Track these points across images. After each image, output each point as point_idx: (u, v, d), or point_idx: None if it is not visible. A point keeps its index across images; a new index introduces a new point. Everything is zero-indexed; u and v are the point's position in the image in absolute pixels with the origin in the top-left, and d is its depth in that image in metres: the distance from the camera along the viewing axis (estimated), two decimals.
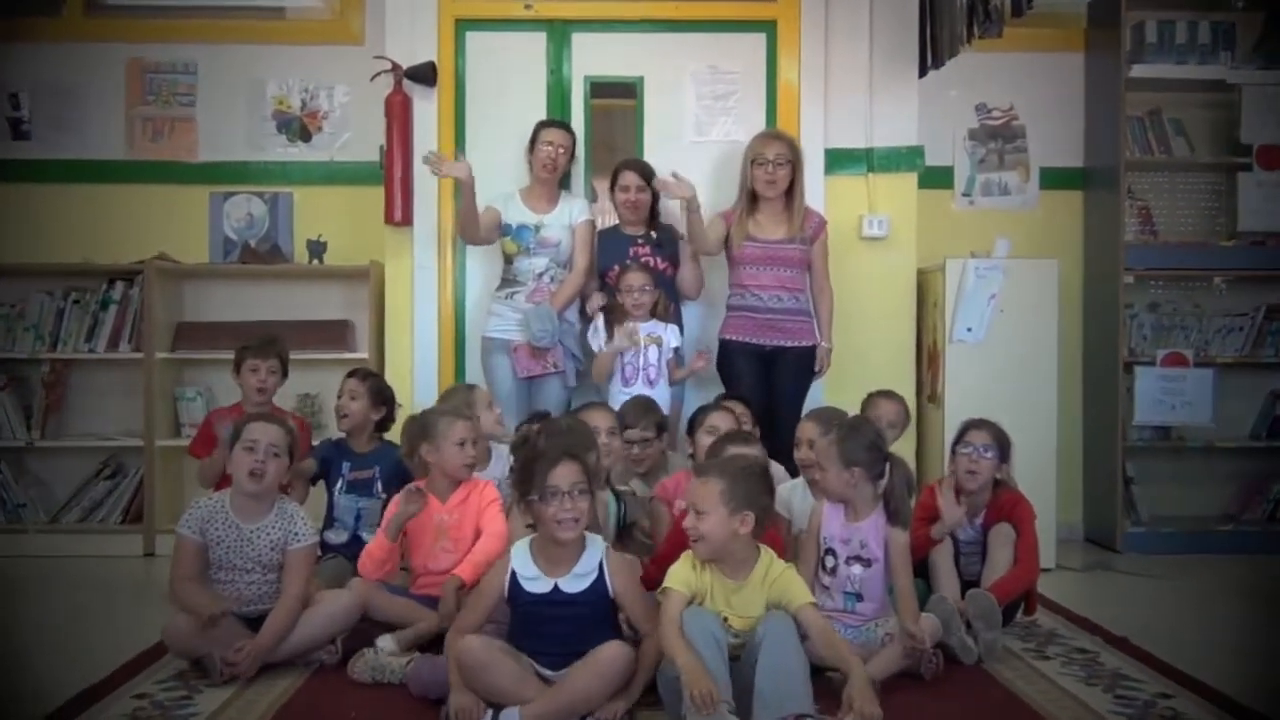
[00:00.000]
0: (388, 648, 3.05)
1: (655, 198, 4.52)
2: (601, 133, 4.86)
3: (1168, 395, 4.90)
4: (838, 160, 4.78)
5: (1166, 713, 2.78)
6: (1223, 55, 5.03)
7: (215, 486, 3.71)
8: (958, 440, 3.58)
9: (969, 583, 3.41)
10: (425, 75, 4.70)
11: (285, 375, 4.12)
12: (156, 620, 3.17)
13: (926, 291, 4.81)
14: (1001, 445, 3.54)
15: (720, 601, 2.78)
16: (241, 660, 2.94)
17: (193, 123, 5.15)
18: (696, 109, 4.81)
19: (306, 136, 5.17)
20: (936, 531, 3.42)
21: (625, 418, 3.89)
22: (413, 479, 3.49)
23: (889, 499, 3.14)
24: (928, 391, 4.78)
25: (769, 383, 4.30)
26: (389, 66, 4.70)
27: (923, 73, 4.80)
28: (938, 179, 5.14)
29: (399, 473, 3.79)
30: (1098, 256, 5.15)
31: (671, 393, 4.37)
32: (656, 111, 4.81)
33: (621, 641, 2.74)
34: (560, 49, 4.80)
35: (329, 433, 4.47)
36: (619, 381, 4.30)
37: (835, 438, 3.17)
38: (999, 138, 5.28)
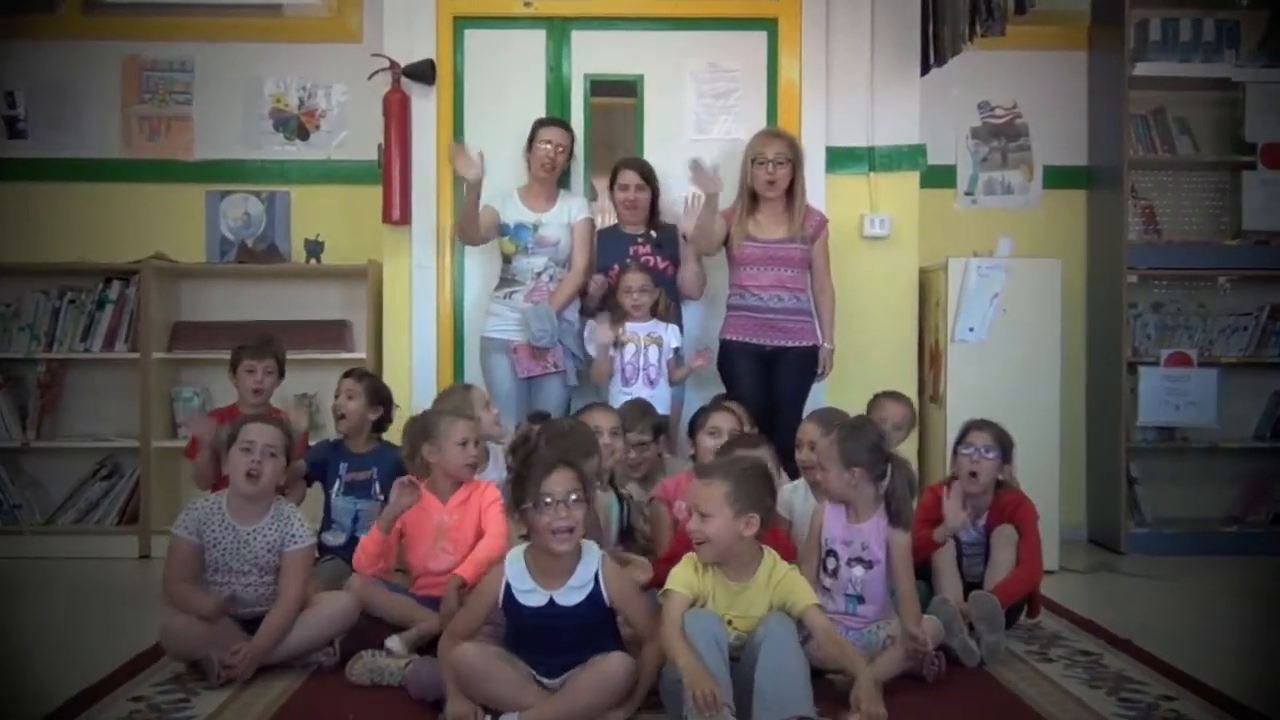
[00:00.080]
0: (396, 649, 3.04)
1: (655, 196, 4.52)
2: (601, 131, 4.86)
3: (1172, 395, 4.90)
4: (839, 159, 4.78)
5: (1170, 715, 2.78)
6: (1227, 53, 5.03)
7: (212, 487, 3.71)
8: (959, 441, 3.59)
9: (971, 584, 3.42)
10: (424, 73, 4.70)
11: (282, 376, 4.12)
12: (153, 622, 3.17)
13: (928, 291, 4.81)
14: (1004, 446, 3.54)
15: (723, 604, 2.78)
16: (239, 663, 2.94)
17: (189, 121, 5.15)
18: (697, 107, 4.81)
19: (304, 135, 5.17)
20: (939, 535, 3.42)
21: (621, 421, 3.88)
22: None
23: (890, 500, 3.14)
24: (930, 392, 4.78)
25: (769, 383, 4.29)
26: (387, 64, 4.70)
27: (925, 70, 4.80)
28: (940, 178, 5.14)
29: (397, 474, 3.76)
30: (1101, 256, 5.15)
31: (672, 393, 4.37)
32: (657, 110, 4.81)
33: (624, 654, 2.72)
34: (560, 46, 4.80)
35: (327, 433, 4.47)
36: (619, 382, 4.30)
37: (836, 438, 3.18)
38: (1002, 136, 5.28)
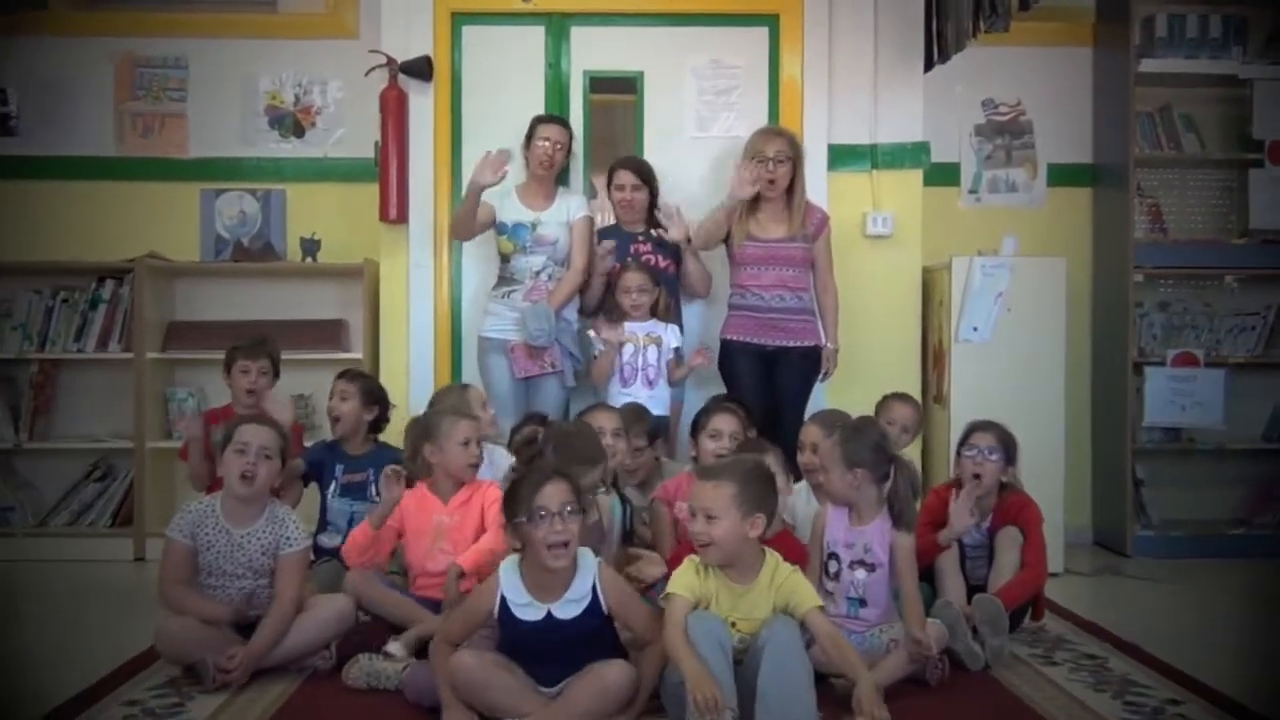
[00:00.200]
0: (396, 652, 3.04)
1: (653, 195, 4.52)
2: (601, 128, 4.86)
3: (1178, 396, 4.90)
4: (841, 157, 4.78)
5: (1176, 719, 2.78)
6: (1234, 50, 5.03)
7: (208, 489, 3.71)
8: (963, 442, 3.59)
9: (975, 587, 3.42)
10: (421, 70, 4.70)
11: (276, 376, 4.12)
12: (148, 625, 3.17)
13: (932, 290, 4.81)
14: (1007, 447, 3.54)
15: (726, 606, 2.78)
16: (235, 667, 2.94)
17: (184, 119, 5.15)
18: (698, 104, 4.81)
19: (300, 132, 5.17)
20: (943, 538, 3.42)
21: (619, 419, 3.88)
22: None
23: (893, 502, 3.14)
24: (933, 392, 4.78)
25: (771, 383, 4.29)
26: (384, 61, 4.70)
27: (928, 67, 4.80)
28: (943, 176, 5.14)
29: None
30: (1107, 255, 5.15)
31: (672, 393, 4.37)
32: (657, 107, 4.81)
33: (624, 661, 2.71)
34: (559, 43, 4.80)
35: (323, 434, 4.47)
36: (618, 382, 4.29)
37: (839, 439, 3.18)
38: (1006, 134, 5.28)
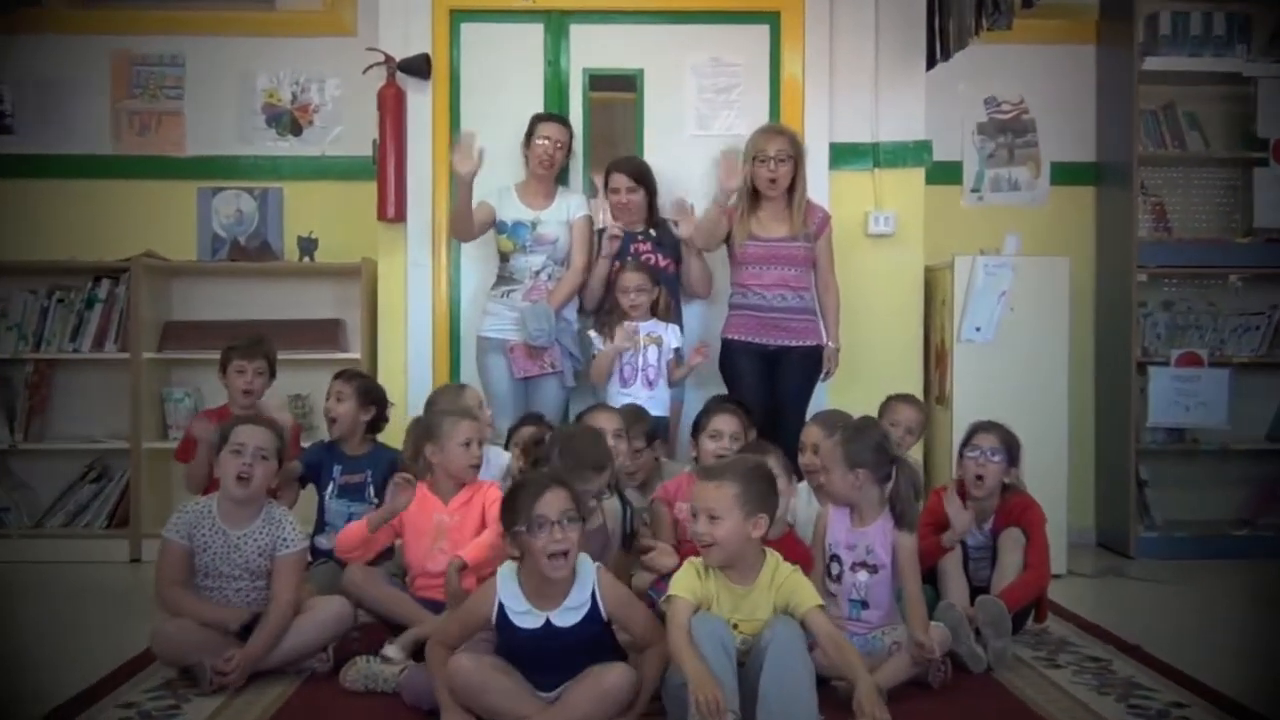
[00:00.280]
0: (394, 656, 3.04)
1: (651, 194, 4.51)
2: (600, 127, 4.85)
3: (1182, 396, 4.90)
4: (843, 155, 4.78)
5: None
6: (1238, 47, 5.02)
7: (204, 491, 3.70)
8: (965, 443, 3.59)
9: (978, 589, 3.42)
10: (419, 68, 4.70)
11: (273, 376, 4.11)
12: (144, 627, 3.17)
13: (934, 290, 4.81)
14: (1010, 448, 3.54)
15: (727, 607, 2.77)
16: (232, 669, 2.94)
17: (180, 117, 5.15)
18: (698, 102, 4.80)
19: (297, 130, 5.17)
20: (947, 540, 3.41)
21: (621, 420, 3.88)
22: None
23: (895, 502, 3.13)
24: (935, 392, 4.78)
25: (772, 383, 4.29)
26: (382, 59, 4.70)
27: (930, 65, 4.80)
28: (946, 174, 5.15)
29: (391, 476, 3.78)
30: (1110, 254, 5.15)
31: (672, 393, 4.37)
32: (657, 105, 4.80)
33: (625, 665, 2.71)
34: (558, 40, 4.79)
35: (320, 435, 4.47)
36: (617, 382, 4.29)
37: (840, 439, 3.18)
38: (1009, 132, 5.28)
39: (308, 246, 4.96)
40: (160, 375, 5.03)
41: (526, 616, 2.70)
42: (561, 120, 4.55)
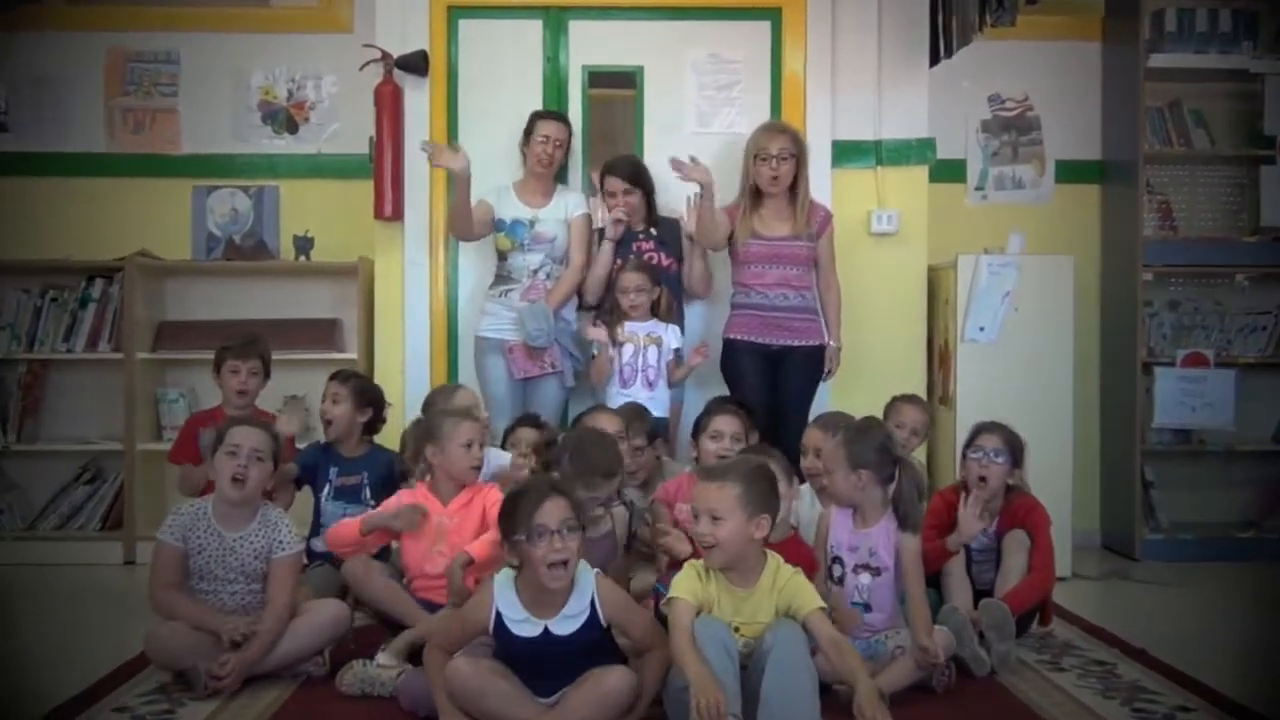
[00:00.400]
0: (387, 662, 3.03)
1: (649, 193, 4.51)
2: (600, 124, 4.85)
3: (1188, 397, 4.90)
4: (845, 153, 4.78)
5: None
6: (1245, 44, 5.02)
7: (199, 493, 3.70)
8: (969, 444, 3.58)
9: (981, 591, 3.42)
10: (416, 64, 4.70)
11: (267, 376, 4.11)
12: (138, 630, 3.16)
13: (938, 289, 4.81)
14: (1014, 449, 3.54)
15: (729, 610, 2.77)
16: (227, 673, 2.94)
17: (175, 114, 5.15)
18: (698, 99, 4.80)
19: (293, 128, 5.17)
20: (952, 543, 3.41)
21: (621, 421, 3.89)
22: (401, 485, 3.50)
23: (898, 503, 3.13)
24: (939, 393, 4.78)
25: (774, 383, 4.29)
26: (379, 55, 4.70)
27: (934, 62, 4.80)
28: (949, 172, 5.14)
29: (389, 478, 3.79)
30: (1115, 253, 5.15)
31: (672, 394, 4.37)
32: (657, 102, 4.80)
33: (625, 668, 2.70)
34: (557, 37, 4.79)
35: (316, 435, 4.47)
36: (617, 383, 4.29)
37: (843, 439, 3.18)
38: (1013, 130, 5.28)
39: (304, 245, 4.96)
40: (155, 376, 5.03)
41: (524, 625, 2.69)
42: (560, 118, 4.55)
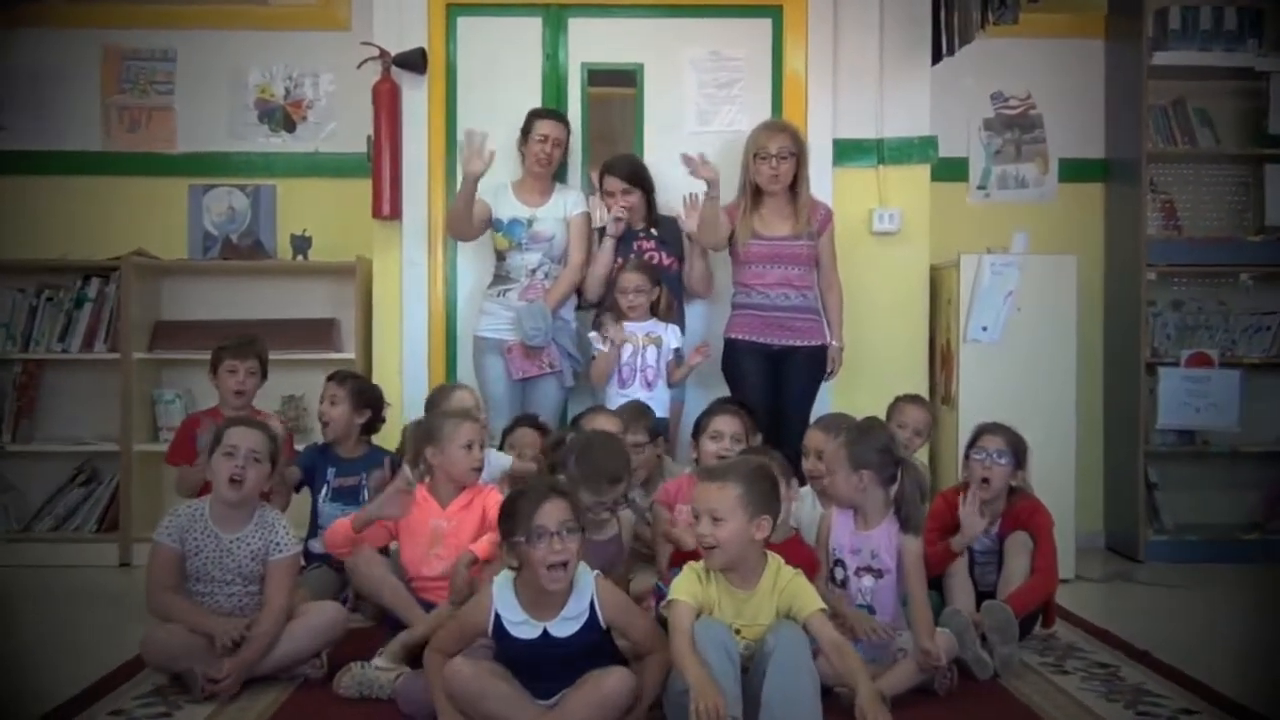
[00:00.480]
0: (385, 665, 3.03)
1: (649, 192, 4.51)
2: (599, 123, 4.85)
3: (1192, 397, 4.90)
4: (847, 151, 4.78)
5: None
6: (1250, 42, 5.01)
7: (196, 494, 3.70)
8: (971, 445, 3.58)
9: (984, 594, 3.42)
10: (415, 62, 4.70)
11: (265, 376, 4.12)
12: (134, 632, 3.17)
13: (940, 289, 4.81)
14: (1017, 450, 3.54)
15: (729, 612, 2.77)
16: (224, 676, 2.93)
17: (171, 112, 5.14)
18: (698, 98, 4.80)
19: (290, 127, 5.17)
20: (956, 544, 3.41)
21: (620, 422, 3.89)
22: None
23: (900, 505, 3.13)
24: (941, 393, 4.78)
25: (776, 383, 4.29)
26: (376, 53, 4.70)
27: (936, 60, 4.80)
28: (952, 171, 5.14)
29: (392, 476, 3.78)
30: (1119, 252, 5.15)
31: (672, 394, 4.37)
32: (657, 100, 4.80)
33: (625, 670, 2.70)
34: (556, 34, 4.79)
35: (314, 436, 4.47)
36: (616, 383, 4.29)
37: (845, 440, 3.18)
38: (1016, 128, 5.28)
39: (301, 245, 4.95)
40: (151, 376, 5.02)
41: (523, 627, 2.70)
42: (559, 117, 4.55)
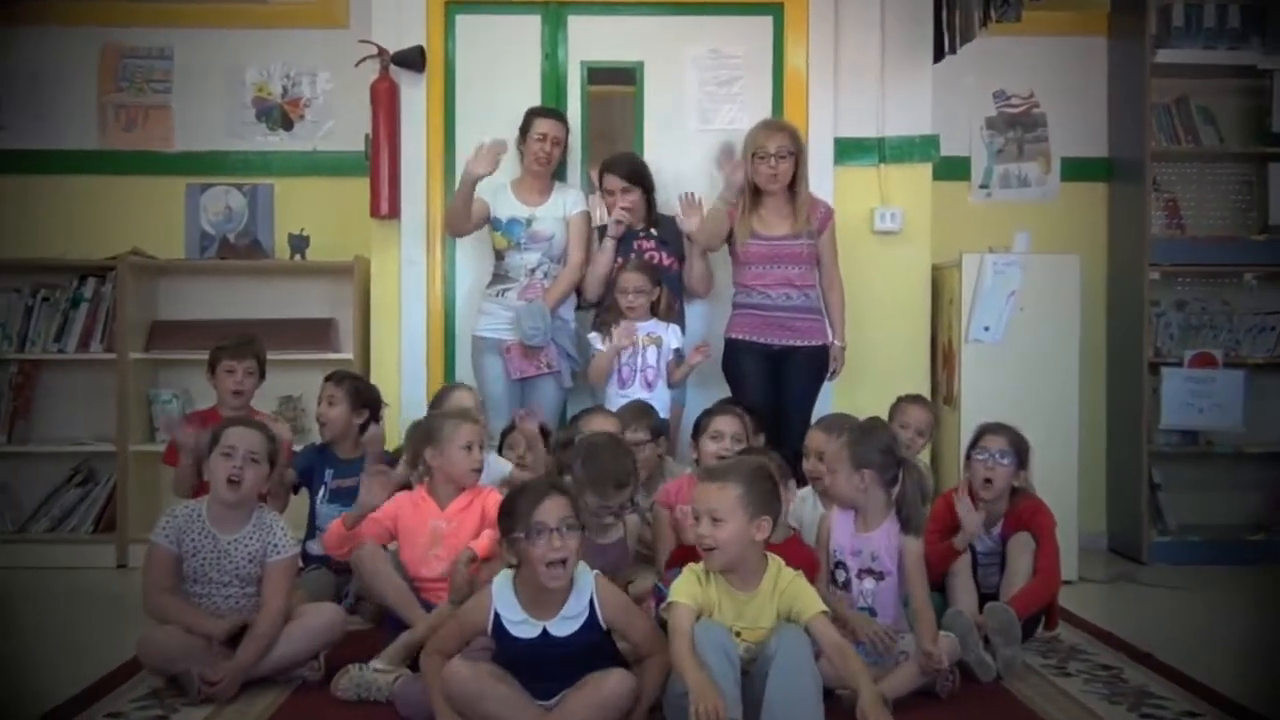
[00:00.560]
0: (384, 667, 3.03)
1: (649, 191, 4.51)
2: (599, 121, 4.86)
3: (1196, 398, 4.90)
4: (848, 150, 4.78)
5: None
6: (1253, 40, 5.00)
7: (193, 495, 3.70)
8: (973, 445, 3.59)
9: (987, 595, 3.42)
10: (413, 60, 4.70)
11: (263, 377, 4.12)
12: (130, 634, 3.16)
13: (942, 288, 4.81)
14: (1020, 450, 3.54)
15: (730, 615, 2.77)
16: (221, 679, 2.93)
17: (168, 111, 5.14)
18: (699, 96, 4.80)
19: (288, 125, 5.17)
20: (959, 542, 3.41)
21: (620, 424, 3.89)
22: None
23: (901, 507, 3.14)
24: (943, 393, 4.78)
25: (777, 384, 4.29)
26: (375, 51, 4.70)
27: (938, 58, 4.80)
28: (954, 170, 5.14)
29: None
30: (1122, 251, 5.15)
31: (672, 395, 4.37)
32: (657, 98, 4.80)
33: (625, 671, 2.70)
34: (555, 32, 4.80)
35: (311, 437, 4.47)
36: (615, 384, 4.29)
37: (848, 439, 3.18)
38: (1018, 126, 5.28)
39: (299, 244, 4.96)
40: (147, 376, 5.03)
41: (523, 626, 2.70)
42: (557, 115, 4.55)
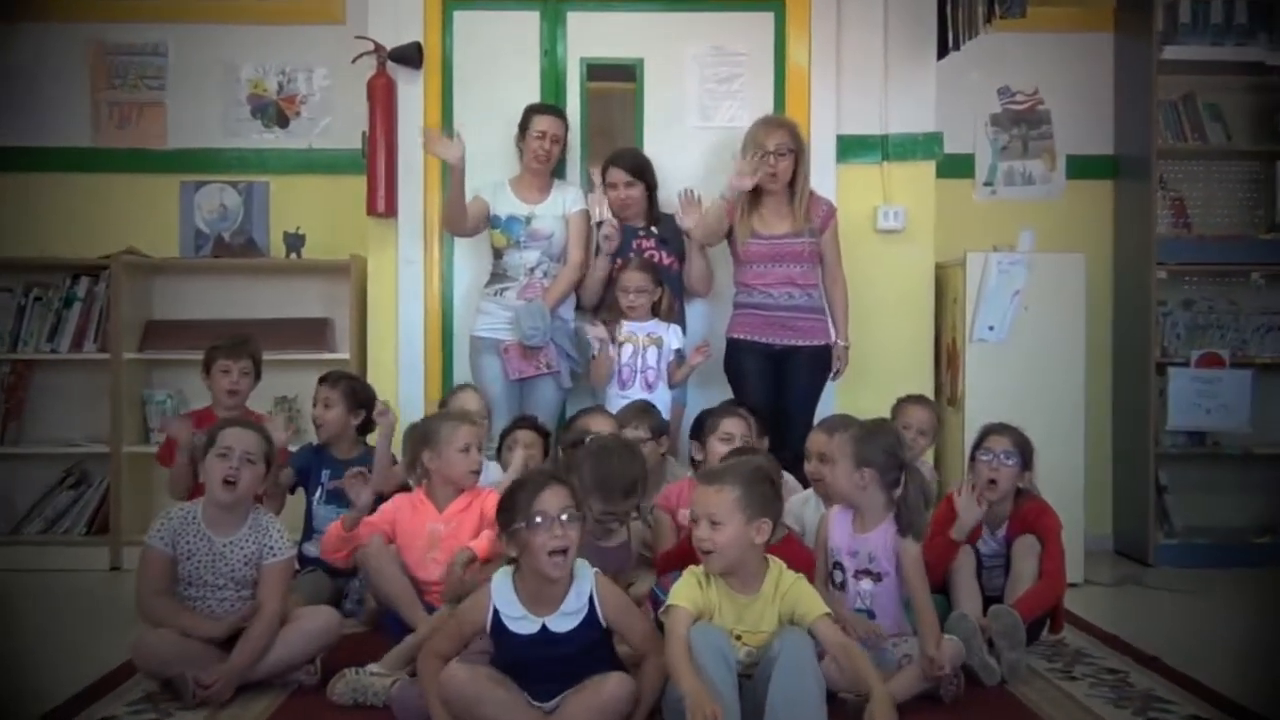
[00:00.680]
0: (380, 671, 3.03)
1: (651, 188, 4.51)
2: (598, 118, 4.86)
3: (1202, 398, 4.90)
4: (851, 148, 4.79)
5: None
6: (1261, 36, 5.00)
7: (188, 496, 3.70)
8: (977, 446, 3.59)
9: (991, 598, 3.42)
10: (410, 57, 4.70)
11: (258, 377, 4.13)
12: (124, 638, 3.17)
13: (945, 287, 4.81)
14: (1024, 452, 3.54)
15: (730, 618, 2.77)
16: (216, 683, 2.93)
17: (162, 108, 5.15)
18: (700, 93, 4.81)
19: (284, 122, 5.17)
20: (956, 533, 3.39)
21: (620, 421, 3.90)
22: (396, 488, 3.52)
23: (902, 509, 3.13)
24: (947, 394, 4.78)
25: (778, 384, 4.29)
26: (372, 48, 4.70)
27: (941, 54, 4.80)
28: (957, 168, 5.14)
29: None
30: (1128, 250, 5.15)
31: (673, 396, 4.38)
32: (657, 95, 4.80)
33: (624, 674, 2.70)
34: (554, 29, 4.80)
35: (308, 437, 4.47)
36: (615, 384, 4.30)
37: (852, 435, 3.19)
38: (1023, 124, 5.28)
39: (294, 243, 4.96)
40: (141, 376, 5.03)
41: (522, 622, 2.70)
42: (557, 112, 4.55)
